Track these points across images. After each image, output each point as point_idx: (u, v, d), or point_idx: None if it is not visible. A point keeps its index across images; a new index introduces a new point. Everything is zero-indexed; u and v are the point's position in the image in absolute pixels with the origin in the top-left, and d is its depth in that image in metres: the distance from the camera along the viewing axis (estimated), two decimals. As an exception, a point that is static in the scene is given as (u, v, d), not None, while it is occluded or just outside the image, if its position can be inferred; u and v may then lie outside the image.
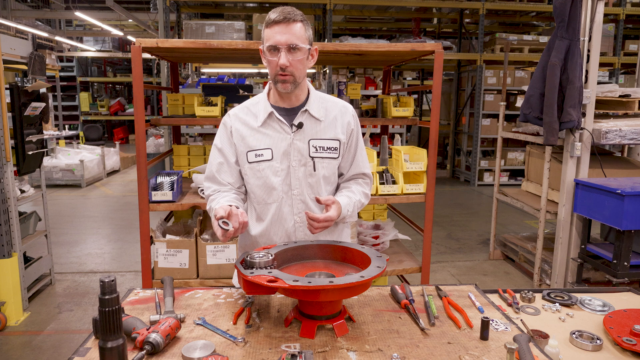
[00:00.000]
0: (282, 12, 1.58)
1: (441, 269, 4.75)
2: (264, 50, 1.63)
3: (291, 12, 1.60)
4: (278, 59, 1.59)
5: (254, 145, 1.70)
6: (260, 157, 1.70)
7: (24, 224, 3.91)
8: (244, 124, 1.73)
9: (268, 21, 1.60)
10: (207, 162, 3.72)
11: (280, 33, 1.57)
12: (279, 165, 1.70)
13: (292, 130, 1.69)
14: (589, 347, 1.43)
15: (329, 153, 1.73)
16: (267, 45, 1.60)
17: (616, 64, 8.66)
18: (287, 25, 1.57)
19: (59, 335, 3.36)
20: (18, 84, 3.73)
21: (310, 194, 1.74)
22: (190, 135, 8.02)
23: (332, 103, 1.79)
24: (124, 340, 1.16)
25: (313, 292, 1.27)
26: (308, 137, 1.71)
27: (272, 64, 1.62)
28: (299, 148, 1.70)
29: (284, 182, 1.72)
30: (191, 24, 6.23)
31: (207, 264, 2.91)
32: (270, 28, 1.59)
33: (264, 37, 1.63)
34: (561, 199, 3.80)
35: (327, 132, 1.73)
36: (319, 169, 1.72)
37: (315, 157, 1.71)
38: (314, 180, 1.73)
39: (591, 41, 3.52)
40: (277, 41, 1.57)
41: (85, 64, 15.77)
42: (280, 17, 1.57)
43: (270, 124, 1.70)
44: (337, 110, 1.77)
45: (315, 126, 1.72)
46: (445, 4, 8.67)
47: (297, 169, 1.71)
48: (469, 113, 9.37)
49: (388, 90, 3.93)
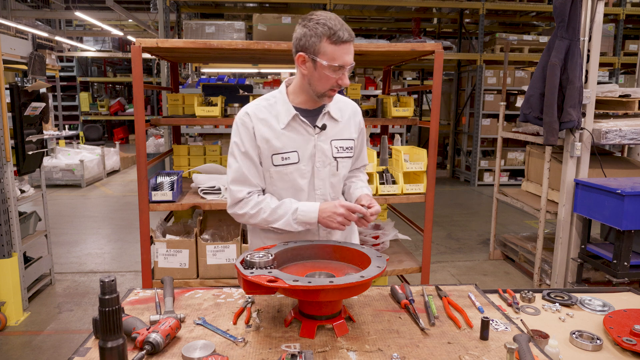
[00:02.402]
0: (348, 30, 1.56)
1: (441, 269, 4.75)
2: (321, 64, 1.56)
3: (350, 30, 1.58)
4: (339, 78, 1.59)
5: (279, 148, 1.68)
6: (287, 160, 1.69)
7: (24, 224, 3.91)
8: (267, 126, 1.68)
9: (335, 39, 1.54)
10: (206, 162, 3.75)
11: (348, 53, 1.57)
12: (305, 167, 1.71)
13: (316, 131, 1.70)
14: (589, 347, 1.43)
15: (347, 152, 1.77)
16: (335, 64, 1.55)
17: (616, 64, 8.65)
18: (351, 45, 1.58)
19: (59, 335, 3.36)
20: (18, 84, 3.73)
21: (332, 193, 1.78)
22: (190, 135, 8.03)
23: (344, 103, 1.82)
24: (124, 340, 1.16)
25: (313, 292, 1.27)
26: (330, 138, 1.73)
27: (329, 80, 1.59)
28: (322, 149, 1.71)
29: (309, 183, 1.73)
30: (191, 24, 6.23)
31: (207, 264, 2.91)
32: (339, 46, 1.55)
33: (326, 52, 1.55)
34: (561, 199, 3.80)
35: (344, 132, 1.77)
36: (340, 169, 1.77)
37: (338, 157, 1.75)
38: (336, 180, 1.78)
39: (591, 41, 3.52)
40: (345, 62, 1.57)
41: (85, 64, 15.77)
42: (349, 37, 1.55)
43: (293, 126, 1.69)
44: (349, 110, 1.81)
45: (334, 127, 1.74)
46: (445, 4, 8.67)
47: (321, 169, 1.73)
48: (469, 113, 9.37)
49: (388, 90, 3.93)
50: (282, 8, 8.91)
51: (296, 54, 1.61)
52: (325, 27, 1.53)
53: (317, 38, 1.54)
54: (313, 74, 1.60)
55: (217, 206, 2.87)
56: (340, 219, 1.61)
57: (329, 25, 1.53)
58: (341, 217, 1.60)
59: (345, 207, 1.61)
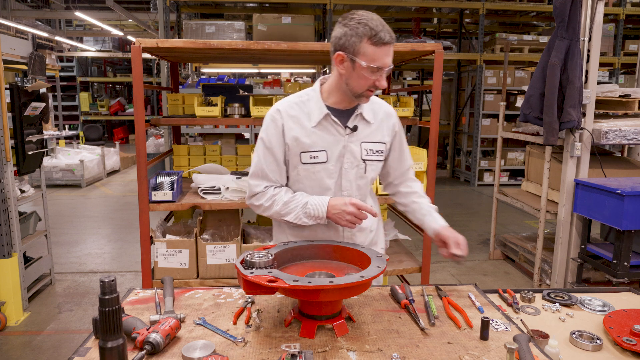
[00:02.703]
0: (389, 32, 1.54)
1: (441, 269, 4.75)
2: (360, 65, 1.54)
3: (392, 31, 1.56)
4: (377, 80, 1.58)
5: (309, 146, 1.67)
6: (315, 159, 1.68)
7: (24, 224, 3.91)
8: (297, 123, 1.68)
9: (376, 40, 1.52)
10: (206, 162, 3.75)
11: (388, 55, 1.56)
12: (333, 167, 1.70)
13: (346, 132, 1.68)
14: (589, 347, 1.43)
15: (377, 156, 1.75)
16: (374, 65, 1.54)
17: (616, 64, 8.65)
18: (391, 47, 1.57)
19: (59, 335, 3.36)
20: (18, 84, 3.73)
21: (358, 195, 1.75)
22: (190, 135, 8.03)
23: (378, 105, 1.79)
24: (124, 340, 1.16)
25: (313, 292, 1.27)
26: (360, 140, 1.71)
27: (367, 81, 1.58)
28: (352, 151, 1.70)
29: (336, 184, 1.72)
30: (191, 24, 6.23)
31: (207, 264, 2.91)
32: (379, 48, 1.53)
33: (366, 52, 1.53)
34: (561, 199, 3.80)
35: (376, 135, 1.74)
36: (369, 172, 1.74)
37: (367, 159, 1.72)
38: (364, 182, 1.75)
39: (591, 41, 3.52)
40: (384, 63, 1.55)
41: (85, 64, 15.78)
42: (390, 39, 1.54)
43: (324, 125, 1.68)
44: (382, 113, 1.78)
45: (366, 129, 1.72)
46: (445, 4, 8.67)
47: (348, 171, 1.71)
48: (469, 113, 9.37)
49: (388, 90, 3.93)
50: (282, 8, 8.91)
51: (334, 52, 1.59)
52: (366, 27, 1.51)
53: (358, 38, 1.52)
54: (351, 74, 1.58)
55: (217, 206, 2.87)
56: (350, 217, 1.60)
57: (371, 26, 1.51)
58: (350, 215, 1.59)
59: (355, 206, 1.59)
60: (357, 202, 1.61)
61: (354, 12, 1.56)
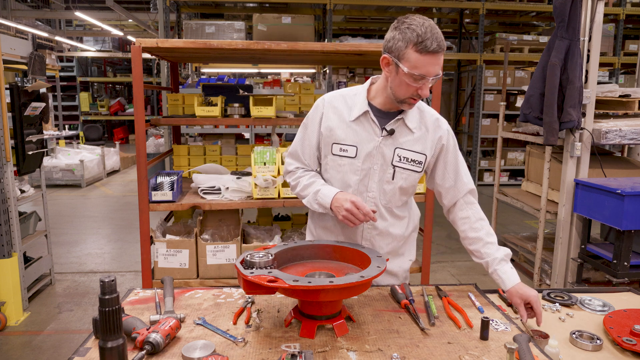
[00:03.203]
0: (437, 40, 1.48)
1: (441, 269, 4.75)
2: (402, 70, 1.51)
3: (442, 40, 1.50)
4: (419, 88, 1.54)
5: (342, 138, 1.68)
6: (344, 152, 1.69)
7: (24, 224, 3.91)
8: (336, 114, 1.70)
9: (422, 47, 1.47)
10: (206, 162, 3.75)
11: (434, 64, 1.50)
12: (360, 164, 1.68)
13: (383, 134, 1.66)
14: (589, 347, 1.43)
15: (411, 165, 1.69)
16: (416, 73, 1.50)
17: (616, 64, 8.65)
18: (440, 56, 1.51)
19: (59, 335, 3.36)
20: (18, 84, 3.73)
21: (383, 200, 1.72)
22: (190, 135, 8.03)
23: (428, 115, 1.73)
24: (124, 340, 1.16)
25: (313, 292, 1.27)
26: (395, 145, 1.67)
27: (409, 88, 1.55)
28: (383, 153, 1.67)
29: (361, 183, 1.70)
30: (191, 24, 6.24)
31: (207, 264, 2.91)
32: (423, 56, 1.48)
33: (410, 59, 1.50)
34: (561, 199, 3.80)
35: (416, 145, 1.69)
36: (397, 179, 1.69)
37: (397, 166, 1.68)
38: (390, 188, 1.71)
39: (591, 41, 3.52)
40: (428, 72, 1.50)
41: (85, 64, 15.78)
42: (437, 48, 1.48)
43: (362, 122, 1.68)
44: (430, 124, 1.71)
45: (405, 135, 1.68)
46: (445, 4, 8.67)
47: (376, 172, 1.69)
48: (469, 113, 9.37)
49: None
50: (282, 8, 8.92)
51: (383, 54, 1.58)
52: (414, 33, 1.48)
53: (404, 43, 1.49)
54: (394, 78, 1.56)
55: (217, 206, 2.88)
56: (345, 213, 1.58)
57: (418, 32, 1.47)
58: (347, 212, 1.57)
59: (354, 204, 1.57)
60: (358, 201, 1.58)
61: (408, 16, 1.53)
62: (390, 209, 1.75)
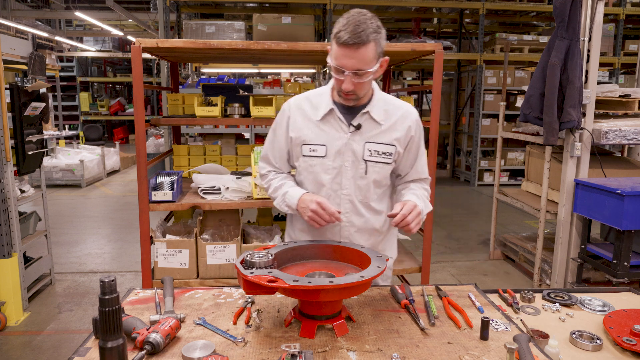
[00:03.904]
0: (353, 33, 1.45)
1: (441, 269, 4.75)
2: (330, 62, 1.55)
3: (362, 33, 1.46)
4: (342, 81, 1.55)
5: (310, 139, 1.69)
6: (314, 152, 1.69)
7: (24, 224, 3.91)
8: (303, 115, 1.71)
9: (338, 38, 1.48)
10: (206, 162, 3.75)
11: (348, 57, 1.49)
12: (331, 163, 1.69)
13: (350, 130, 1.67)
14: (589, 347, 1.43)
15: (383, 158, 1.70)
16: (333, 64, 1.53)
17: (616, 64, 8.65)
18: (356, 50, 1.47)
19: (59, 335, 3.36)
20: (18, 84, 3.73)
21: (359, 195, 1.73)
22: (190, 135, 8.03)
23: (394, 107, 1.73)
24: (124, 340, 1.16)
25: (313, 292, 1.27)
26: (364, 139, 1.68)
27: (337, 81, 1.58)
28: (353, 149, 1.68)
29: (333, 181, 1.71)
30: (191, 24, 6.23)
31: (207, 264, 2.91)
32: (339, 47, 1.49)
33: (332, 50, 1.53)
34: (561, 199, 3.80)
35: (384, 137, 1.69)
36: (370, 173, 1.70)
37: (369, 160, 1.69)
38: (364, 183, 1.71)
39: (591, 41, 3.52)
40: (343, 65, 1.51)
41: (85, 64, 15.78)
42: (350, 40, 1.46)
43: (329, 120, 1.68)
44: (398, 115, 1.72)
45: (373, 129, 1.69)
46: (445, 4, 8.67)
47: (348, 169, 1.70)
48: (469, 113, 9.37)
49: (388, 90, 3.93)
50: (282, 8, 8.92)
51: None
52: (338, 25, 1.50)
53: (333, 35, 1.52)
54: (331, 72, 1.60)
55: (217, 206, 2.87)
56: (310, 214, 1.60)
57: (341, 24, 1.49)
58: (312, 213, 1.59)
59: (319, 205, 1.58)
60: (323, 202, 1.59)
61: (354, 9, 1.55)
62: (367, 204, 1.75)
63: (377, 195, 1.76)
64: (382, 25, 1.54)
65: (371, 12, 1.55)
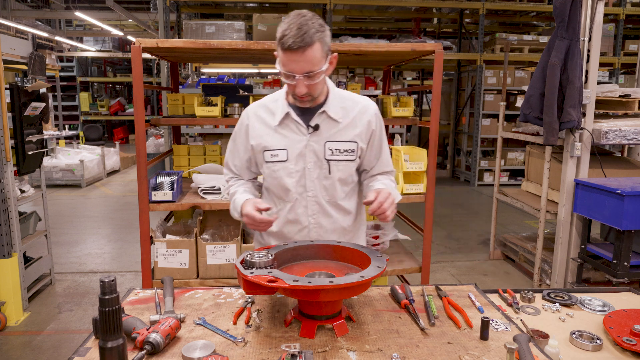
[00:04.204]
0: (296, 37, 1.44)
1: (441, 269, 4.75)
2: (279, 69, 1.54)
3: (306, 35, 1.44)
4: (295, 85, 1.53)
5: (270, 145, 1.69)
6: (275, 158, 1.69)
7: (24, 224, 3.91)
8: (261, 122, 1.71)
9: (282, 44, 1.46)
10: (206, 162, 3.75)
11: (296, 62, 1.48)
12: (293, 166, 1.68)
13: (309, 131, 1.66)
14: (589, 347, 1.43)
15: (345, 155, 1.69)
16: (282, 70, 1.52)
17: (616, 64, 8.66)
18: (303, 53, 1.46)
19: (59, 335, 3.36)
20: (18, 84, 3.73)
21: (325, 196, 1.72)
22: (190, 135, 8.03)
23: (352, 102, 1.72)
24: (124, 340, 1.16)
25: (313, 292, 1.27)
26: (324, 139, 1.67)
27: (289, 86, 1.57)
28: (314, 150, 1.67)
29: (298, 184, 1.70)
30: (191, 24, 6.23)
31: (207, 264, 2.91)
32: (285, 53, 1.48)
33: (279, 56, 1.52)
34: (561, 199, 3.80)
35: (344, 134, 1.68)
36: (334, 172, 1.69)
37: (331, 159, 1.68)
38: (329, 183, 1.71)
39: (591, 41, 3.52)
40: (292, 69, 1.50)
41: (85, 64, 15.77)
42: (295, 45, 1.44)
43: (287, 124, 1.68)
44: (357, 110, 1.71)
45: (332, 127, 1.68)
46: (445, 4, 8.67)
47: (312, 170, 1.69)
48: (469, 113, 9.37)
49: (388, 90, 3.93)
50: (282, 8, 8.92)
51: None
52: (280, 30, 1.47)
53: (277, 41, 1.50)
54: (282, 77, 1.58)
55: (217, 206, 2.87)
56: (246, 219, 1.62)
57: (283, 28, 1.47)
58: (245, 217, 1.61)
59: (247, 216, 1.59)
60: (251, 214, 1.57)
61: (293, 12, 1.51)
62: (336, 203, 1.74)
63: (344, 194, 1.75)
64: (324, 23, 1.53)
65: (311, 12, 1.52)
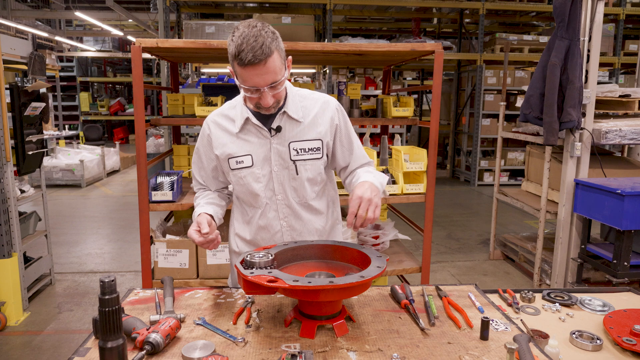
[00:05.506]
0: (255, 50, 1.39)
1: (441, 269, 4.75)
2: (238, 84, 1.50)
3: (264, 46, 1.40)
4: (259, 98, 1.50)
5: (234, 152, 1.66)
6: (240, 164, 1.66)
7: (24, 224, 3.91)
8: (223, 130, 1.68)
9: (240, 60, 1.41)
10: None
11: (259, 75, 1.44)
12: (259, 171, 1.66)
13: (271, 134, 1.64)
14: (589, 347, 1.43)
15: (311, 154, 1.66)
16: (244, 86, 1.48)
17: (616, 64, 8.66)
18: (264, 65, 1.42)
19: (59, 335, 3.36)
20: (18, 84, 3.73)
21: (295, 197, 1.70)
22: (190, 135, 8.03)
23: (311, 101, 1.70)
24: (124, 340, 1.16)
25: (313, 292, 1.27)
26: (288, 140, 1.64)
27: (252, 99, 1.54)
28: (279, 152, 1.65)
29: (266, 188, 1.68)
30: (191, 24, 6.24)
31: (207, 264, 2.91)
32: (244, 69, 1.43)
33: (236, 73, 1.48)
34: (561, 199, 3.80)
35: (307, 133, 1.66)
36: (301, 172, 1.67)
37: (297, 160, 1.65)
38: (298, 184, 1.68)
39: (591, 41, 3.52)
40: (256, 83, 1.46)
41: (85, 64, 15.78)
42: (255, 59, 1.40)
43: (248, 130, 1.65)
44: (317, 108, 1.68)
45: (294, 128, 1.65)
46: (445, 4, 8.67)
47: (279, 173, 1.66)
48: (469, 113, 9.37)
49: (388, 90, 3.93)
50: (282, 8, 8.91)
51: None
52: (232, 46, 1.43)
53: (231, 57, 1.45)
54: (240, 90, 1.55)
55: (217, 206, 2.87)
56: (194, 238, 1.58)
57: (237, 44, 1.41)
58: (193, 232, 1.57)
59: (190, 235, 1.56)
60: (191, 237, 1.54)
61: (241, 24, 1.46)
62: (306, 204, 1.72)
63: (315, 194, 1.73)
64: (274, 29, 1.49)
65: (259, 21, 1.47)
